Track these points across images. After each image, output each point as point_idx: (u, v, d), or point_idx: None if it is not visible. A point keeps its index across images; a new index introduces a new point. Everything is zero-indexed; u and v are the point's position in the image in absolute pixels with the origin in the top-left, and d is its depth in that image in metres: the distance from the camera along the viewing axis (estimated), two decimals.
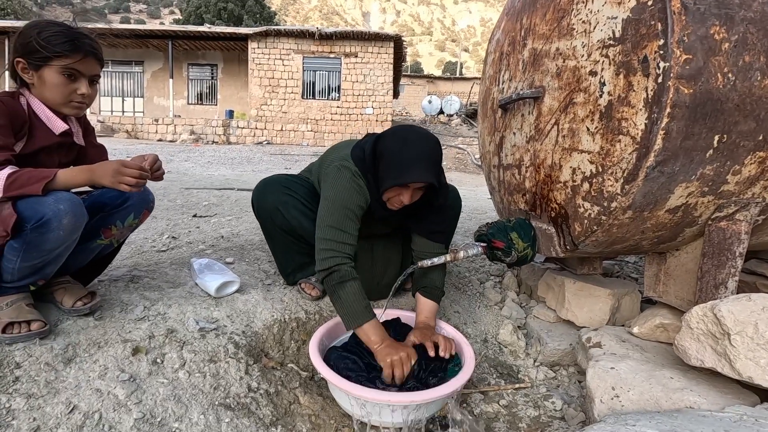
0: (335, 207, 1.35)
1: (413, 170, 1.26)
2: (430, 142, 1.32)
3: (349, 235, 1.34)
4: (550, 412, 1.34)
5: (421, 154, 1.28)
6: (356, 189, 1.37)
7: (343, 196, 1.35)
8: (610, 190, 1.14)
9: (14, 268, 1.12)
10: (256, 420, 1.17)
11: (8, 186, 1.04)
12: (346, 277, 1.30)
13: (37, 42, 1.16)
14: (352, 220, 1.35)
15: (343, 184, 1.36)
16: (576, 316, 1.61)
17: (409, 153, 1.28)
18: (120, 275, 1.64)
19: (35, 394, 1.05)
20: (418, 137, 1.32)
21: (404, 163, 1.27)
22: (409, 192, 1.31)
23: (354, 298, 1.29)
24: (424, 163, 1.27)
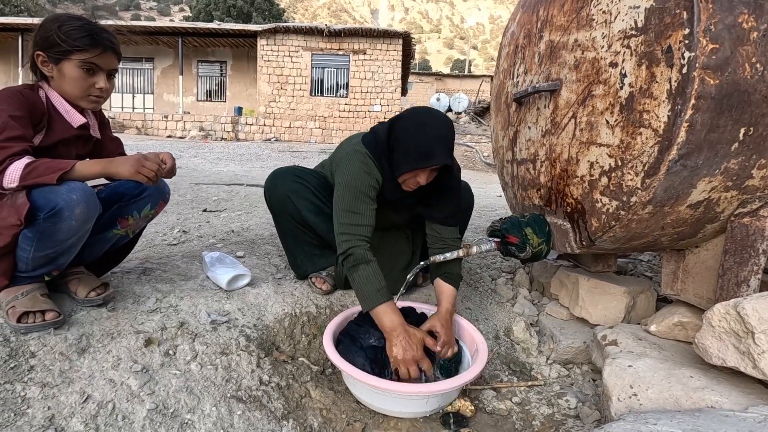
0: (348, 190, 1.36)
1: (435, 153, 1.27)
2: (447, 124, 1.34)
3: (363, 216, 1.35)
4: (564, 410, 1.32)
5: (440, 137, 1.29)
6: (366, 170, 1.38)
7: (354, 179, 1.37)
8: (630, 184, 1.11)
9: (28, 258, 1.12)
10: (267, 413, 1.16)
11: (25, 175, 1.04)
12: (359, 260, 1.31)
13: (58, 36, 1.17)
14: (365, 201, 1.36)
15: (353, 167, 1.38)
16: (590, 314, 1.59)
17: (429, 136, 1.29)
18: (132, 267, 1.64)
19: (50, 383, 1.05)
20: (436, 120, 1.33)
21: (425, 145, 1.28)
22: (426, 173, 1.32)
23: (366, 281, 1.30)
24: (443, 145, 1.29)
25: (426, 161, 1.28)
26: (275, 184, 1.59)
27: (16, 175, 1.03)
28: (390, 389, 1.13)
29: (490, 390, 1.39)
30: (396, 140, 1.34)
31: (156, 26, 14.49)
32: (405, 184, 1.37)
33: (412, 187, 1.37)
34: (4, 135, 1.06)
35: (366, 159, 1.39)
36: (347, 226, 1.34)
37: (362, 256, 1.31)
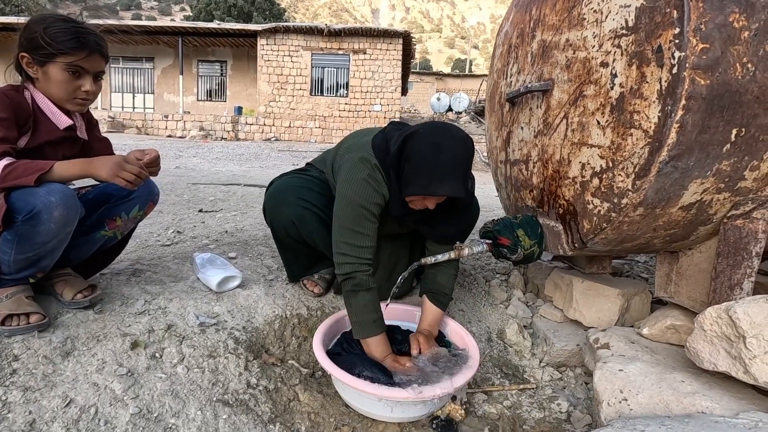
0: (351, 206, 1.26)
1: (445, 183, 1.16)
2: (464, 149, 1.20)
3: (367, 236, 1.27)
4: (556, 414, 1.31)
5: (453, 165, 1.17)
6: (373, 186, 1.27)
7: (360, 195, 1.26)
8: (621, 186, 1.09)
9: (9, 261, 1.11)
10: (254, 417, 1.15)
11: (4, 177, 1.03)
12: (360, 286, 1.27)
13: (42, 38, 1.15)
14: (370, 219, 1.28)
15: (360, 181, 1.26)
16: (584, 316, 1.57)
17: (441, 162, 1.16)
18: (122, 269, 1.63)
19: (32, 387, 1.04)
20: (453, 143, 1.19)
21: (435, 172, 1.16)
22: (435, 199, 1.23)
23: (364, 309, 1.27)
24: (455, 175, 1.17)
25: (433, 189, 1.17)
26: (278, 209, 1.47)
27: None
28: (378, 394, 1.12)
29: (481, 393, 1.38)
30: (407, 159, 1.21)
31: (156, 26, 14.48)
32: (412, 204, 1.26)
33: (419, 208, 1.27)
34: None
35: (374, 172, 1.28)
36: (349, 246, 1.27)
37: (364, 283, 1.27)
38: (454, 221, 1.39)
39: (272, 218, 1.50)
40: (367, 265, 1.28)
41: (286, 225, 1.47)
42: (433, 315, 1.42)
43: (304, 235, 1.48)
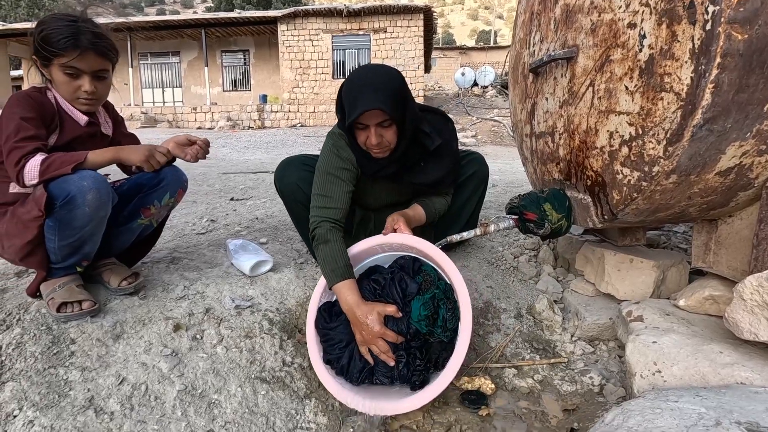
0: (319, 174, 1.42)
1: (358, 102, 1.24)
2: (376, 71, 1.31)
3: (331, 198, 1.38)
4: (588, 387, 1.30)
5: (364, 84, 1.26)
6: (335, 152, 1.42)
7: (324, 162, 1.42)
8: (652, 153, 1.05)
9: (55, 248, 1.19)
10: (290, 392, 1.21)
11: (44, 170, 1.10)
12: (319, 240, 1.34)
13: (38, 41, 1.19)
14: (333, 183, 1.39)
15: (325, 151, 1.44)
16: (617, 290, 1.54)
17: (352, 87, 1.28)
18: (161, 257, 1.72)
19: (89, 367, 1.13)
20: (364, 69, 1.32)
21: (351, 97, 1.27)
22: (372, 131, 1.29)
23: (323, 261, 1.31)
24: (366, 92, 1.25)
25: (351, 113, 1.25)
26: (284, 174, 1.62)
27: (35, 172, 1.09)
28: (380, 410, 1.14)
29: (511, 368, 1.38)
30: (341, 102, 1.34)
31: (178, 19, 14.72)
32: (370, 150, 1.36)
33: (377, 152, 1.35)
34: (18, 136, 1.12)
35: (339, 139, 1.43)
36: (315, 209, 1.39)
37: (322, 236, 1.33)
38: (433, 165, 1.46)
39: (280, 184, 1.63)
40: (329, 221, 1.36)
41: (291, 187, 1.60)
42: (416, 209, 1.51)
43: (308, 198, 1.55)
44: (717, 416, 0.76)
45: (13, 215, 1.21)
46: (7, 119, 1.17)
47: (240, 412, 1.10)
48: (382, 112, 1.26)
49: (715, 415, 0.76)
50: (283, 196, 1.66)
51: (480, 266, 1.85)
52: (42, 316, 1.24)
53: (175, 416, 1.05)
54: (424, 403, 1.13)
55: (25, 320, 1.22)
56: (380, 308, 1.22)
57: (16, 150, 1.11)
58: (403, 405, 1.15)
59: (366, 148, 1.35)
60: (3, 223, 1.24)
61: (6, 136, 1.15)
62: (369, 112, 1.25)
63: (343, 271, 1.27)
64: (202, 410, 1.08)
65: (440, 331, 1.21)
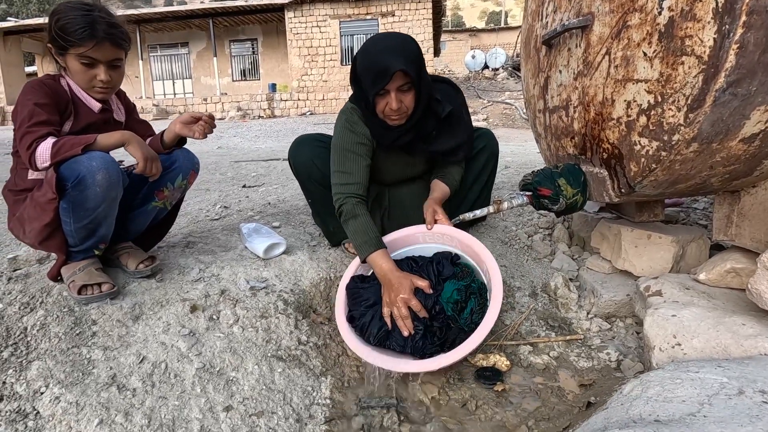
0: (336, 151, 1.43)
1: (380, 66, 1.24)
2: (394, 38, 1.31)
3: (351, 174, 1.40)
4: (605, 362, 1.29)
5: (384, 48, 1.27)
6: (349, 128, 1.42)
7: (340, 139, 1.43)
8: (672, 121, 1.01)
9: (71, 231, 1.22)
10: (306, 370, 1.22)
11: (55, 153, 1.12)
12: (348, 215, 1.38)
13: (54, 31, 1.20)
14: (352, 159, 1.41)
15: (338, 127, 1.44)
16: (634, 266, 1.51)
17: (372, 53, 1.27)
18: (176, 242, 1.75)
19: (110, 347, 1.16)
20: (381, 36, 1.33)
21: (371, 64, 1.27)
22: (393, 96, 1.29)
23: (355, 234, 1.36)
24: (389, 55, 1.24)
25: (381, 76, 1.25)
26: (298, 151, 1.62)
27: (47, 155, 1.11)
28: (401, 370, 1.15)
29: (526, 345, 1.38)
30: (358, 78, 1.33)
31: (186, 9, 14.69)
32: (387, 119, 1.35)
33: (395, 119, 1.34)
34: (31, 121, 1.13)
35: (351, 115, 1.43)
36: (338, 186, 1.41)
37: (350, 211, 1.37)
38: (447, 133, 1.46)
39: (294, 161, 1.64)
40: (353, 196, 1.39)
41: (306, 164, 1.61)
42: (440, 187, 1.51)
43: (323, 176, 1.58)
44: (740, 385, 0.74)
45: (31, 199, 1.23)
46: (22, 106, 1.19)
47: (258, 388, 1.12)
48: (404, 75, 1.26)
49: (737, 384, 0.75)
50: (297, 173, 1.66)
51: (493, 245, 1.83)
52: (64, 299, 1.27)
53: (195, 392, 1.07)
54: (439, 366, 1.14)
55: (48, 303, 1.26)
56: (414, 278, 1.27)
57: (29, 134, 1.13)
58: (415, 365, 1.16)
59: (383, 116, 1.35)
60: (23, 208, 1.27)
61: (20, 122, 1.17)
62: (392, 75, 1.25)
63: (376, 242, 1.33)
64: (221, 387, 1.10)
65: (464, 321, 1.23)
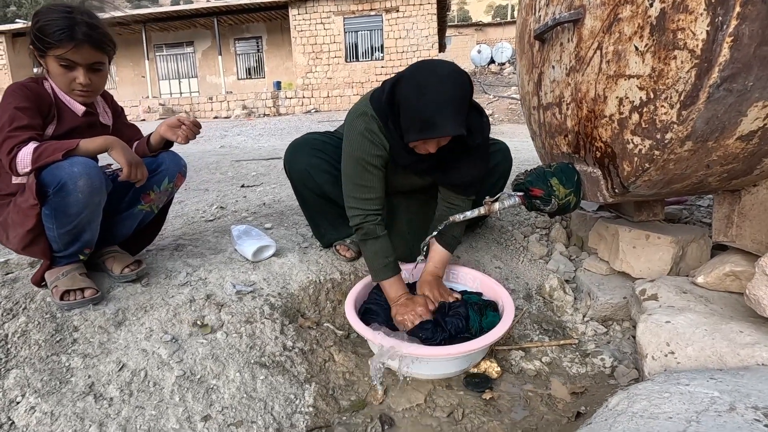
0: (352, 161, 1.33)
1: (436, 124, 1.11)
2: (451, 84, 1.14)
3: (371, 188, 1.34)
4: (599, 369, 1.25)
5: (442, 103, 1.11)
6: (369, 138, 1.30)
7: (358, 149, 1.31)
8: (664, 118, 0.97)
9: (55, 237, 1.20)
10: (290, 377, 1.20)
11: (36, 158, 1.10)
12: (369, 235, 1.34)
13: (34, 32, 1.18)
14: (371, 172, 1.33)
15: (356, 136, 1.31)
16: (632, 267, 1.46)
17: (428, 103, 1.12)
18: (166, 245, 1.73)
19: (90, 354, 1.14)
20: (438, 81, 1.13)
21: (424, 114, 1.12)
22: (435, 142, 1.20)
23: (374, 256, 1.35)
24: (445, 113, 1.11)
25: (425, 132, 1.13)
26: (293, 158, 1.58)
27: (27, 160, 1.09)
28: (411, 353, 1.12)
29: (518, 350, 1.34)
30: (398, 106, 1.20)
31: (190, 9, 14.73)
32: (417, 149, 1.25)
33: (424, 153, 1.25)
34: (12, 126, 1.12)
35: (371, 123, 1.30)
36: (356, 200, 1.34)
37: (371, 231, 1.34)
38: (467, 166, 1.35)
39: (290, 168, 1.60)
40: (375, 214, 1.34)
41: (302, 173, 1.56)
42: (439, 255, 1.45)
43: (318, 186, 1.56)
44: (731, 400, 0.70)
45: (14, 205, 1.22)
46: (2, 109, 1.17)
47: (238, 397, 1.09)
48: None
49: (729, 399, 0.70)
50: (292, 180, 1.62)
51: (488, 246, 1.79)
52: (47, 305, 1.26)
53: (173, 401, 1.05)
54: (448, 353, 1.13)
55: (30, 309, 1.24)
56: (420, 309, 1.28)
57: (9, 139, 1.11)
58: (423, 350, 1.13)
59: (412, 146, 1.25)
60: (7, 213, 1.25)
61: (0, 127, 1.15)
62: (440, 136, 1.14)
63: (393, 267, 1.34)
64: (200, 395, 1.08)
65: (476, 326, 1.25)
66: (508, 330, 1.20)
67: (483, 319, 1.25)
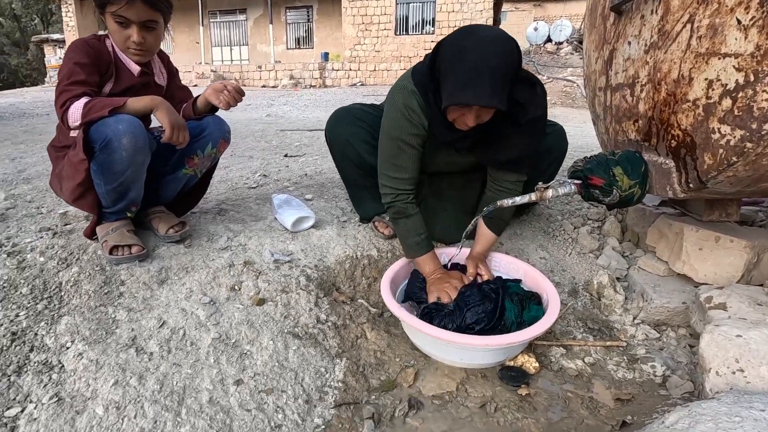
0: (388, 139, 1.30)
1: (471, 92, 1.01)
2: (494, 51, 1.03)
3: (404, 168, 1.31)
4: (648, 376, 1.16)
5: (480, 69, 1.01)
6: (407, 115, 1.24)
7: (395, 128, 1.27)
8: (765, 105, 0.84)
9: (103, 192, 1.24)
10: (322, 350, 1.19)
11: (86, 113, 1.12)
12: (400, 213, 1.33)
13: None
14: (405, 151, 1.29)
15: (393, 110, 1.27)
16: (695, 271, 1.33)
17: (466, 68, 1.02)
18: (209, 208, 1.76)
19: (134, 309, 1.18)
20: (479, 45, 1.03)
21: (461, 80, 1.02)
22: (473, 113, 1.09)
23: (407, 234, 1.34)
24: (483, 80, 1.00)
25: (457, 97, 1.04)
26: (335, 126, 1.56)
27: (78, 114, 1.12)
28: (451, 340, 1.08)
29: (559, 347, 1.27)
30: (438, 72, 1.12)
31: None
32: (456, 123, 1.17)
33: (463, 128, 1.16)
34: (69, 80, 1.14)
35: (410, 99, 1.22)
36: (389, 178, 1.33)
37: (403, 210, 1.33)
38: (514, 142, 1.24)
39: (330, 137, 1.58)
40: (406, 194, 1.32)
41: (342, 142, 1.54)
42: (486, 238, 1.40)
43: (358, 155, 1.53)
44: None
45: (67, 158, 1.26)
46: (64, 64, 1.21)
47: (270, 365, 1.10)
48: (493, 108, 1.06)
49: None
50: (332, 149, 1.61)
51: (534, 235, 1.70)
52: (97, 257, 1.31)
53: (208, 363, 1.07)
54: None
55: (82, 260, 1.30)
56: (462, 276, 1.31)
57: (65, 93, 1.14)
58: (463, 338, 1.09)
59: (451, 119, 1.16)
60: (62, 165, 1.30)
61: (59, 79, 1.18)
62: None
63: (426, 244, 1.33)
64: (234, 359, 1.09)
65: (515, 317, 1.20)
66: (552, 324, 1.13)
67: (525, 312, 1.18)
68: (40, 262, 1.28)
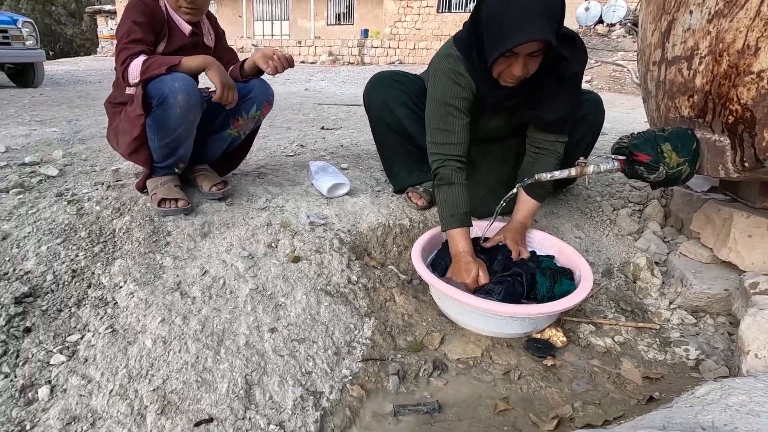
0: (436, 104, 1.29)
1: (516, 31, 1.00)
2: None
3: (453, 133, 1.28)
4: (680, 359, 1.13)
5: (526, 8, 1.01)
6: (454, 80, 1.24)
7: (443, 93, 1.26)
8: None
9: (156, 147, 1.31)
10: (352, 309, 1.24)
11: (144, 70, 1.18)
12: (443, 180, 1.31)
13: None
14: (455, 116, 1.27)
15: (441, 77, 1.26)
16: (741, 258, 1.28)
17: (509, 11, 1.02)
18: (249, 171, 1.82)
19: (179, 257, 1.26)
20: None
21: (505, 25, 1.02)
22: (521, 61, 1.07)
23: (444, 204, 1.30)
24: (530, 18, 1.00)
25: (505, 43, 1.02)
26: (373, 90, 1.56)
27: (137, 71, 1.17)
28: (479, 306, 1.09)
29: (589, 324, 1.25)
30: (480, 27, 1.11)
31: None
32: (502, 79, 1.16)
33: (511, 82, 1.15)
34: (129, 38, 1.20)
35: (456, 64, 1.24)
36: (437, 145, 1.30)
37: (447, 176, 1.29)
38: (560, 99, 1.23)
39: (368, 101, 1.59)
40: (454, 160, 1.29)
41: (380, 105, 1.54)
42: (527, 206, 1.37)
43: (396, 120, 1.52)
44: None
45: (124, 113, 1.33)
46: (122, 22, 1.27)
47: (303, 317, 1.15)
48: (542, 42, 1.04)
49: None
50: (369, 112, 1.62)
51: (570, 214, 1.67)
52: (147, 209, 1.40)
53: (245, 310, 1.13)
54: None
55: (134, 210, 1.39)
56: (483, 270, 1.22)
57: (125, 50, 1.20)
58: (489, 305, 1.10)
59: (498, 76, 1.16)
60: (118, 121, 1.38)
61: (119, 38, 1.24)
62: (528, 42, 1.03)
63: (462, 219, 1.27)
64: (270, 309, 1.15)
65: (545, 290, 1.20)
66: (582, 300, 1.12)
67: (557, 286, 1.17)
68: (96, 210, 1.38)
